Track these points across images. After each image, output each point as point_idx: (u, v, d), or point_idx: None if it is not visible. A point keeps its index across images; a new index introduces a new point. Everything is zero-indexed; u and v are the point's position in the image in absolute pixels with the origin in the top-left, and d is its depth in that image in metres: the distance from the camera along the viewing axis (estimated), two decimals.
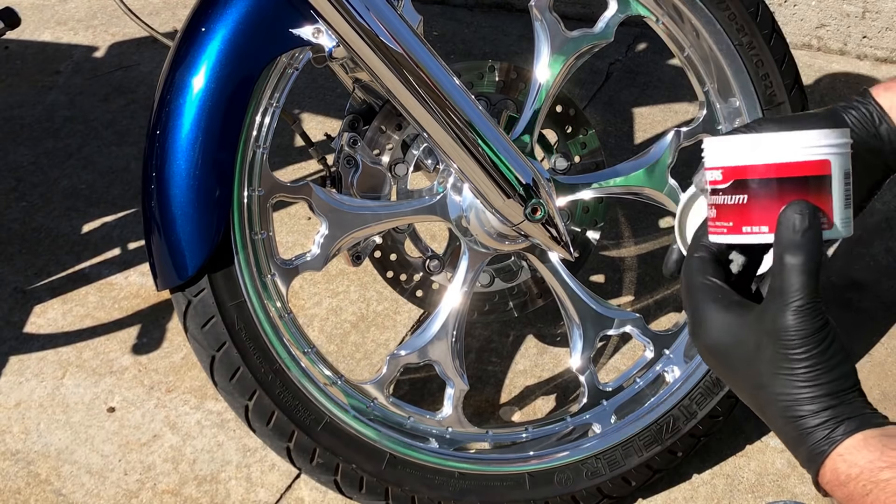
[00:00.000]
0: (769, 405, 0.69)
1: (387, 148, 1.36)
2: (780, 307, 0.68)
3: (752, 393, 0.70)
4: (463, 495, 1.31)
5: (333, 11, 1.10)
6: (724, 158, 0.71)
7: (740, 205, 0.71)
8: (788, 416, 0.68)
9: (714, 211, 0.72)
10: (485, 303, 1.48)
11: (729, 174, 0.71)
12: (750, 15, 1.31)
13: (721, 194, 0.72)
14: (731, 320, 0.71)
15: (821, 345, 0.68)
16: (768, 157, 0.69)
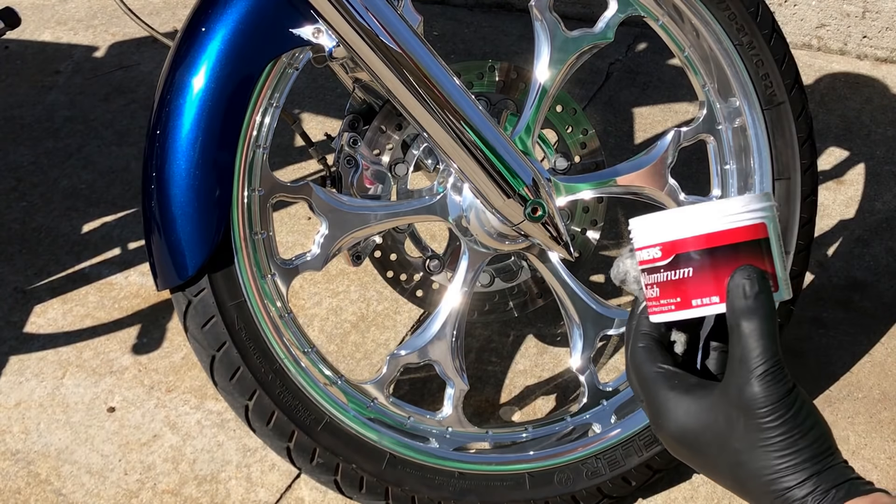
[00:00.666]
0: (750, 482, 0.66)
1: (387, 148, 1.36)
2: (745, 376, 0.65)
3: (731, 474, 0.67)
4: (463, 495, 1.31)
5: (333, 11, 1.10)
6: (660, 234, 0.70)
7: (685, 278, 0.69)
8: (773, 490, 0.65)
9: (656, 290, 0.70)
10: (485, 303, 1.48)
11: (669, 249, 0.69)
12: (750, 15, 1.31)
13: (662, 271, 0.70)
14: (695, 404, 0.68)
15: (791, 408, 0.65)
16: (706, 226, 0.68)
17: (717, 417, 0.67)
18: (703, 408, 0.68)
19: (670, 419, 0.69)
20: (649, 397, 0.71)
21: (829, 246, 1.86)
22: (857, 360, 1.62)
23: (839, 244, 1.86)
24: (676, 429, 0.69)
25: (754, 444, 0.65)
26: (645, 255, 0.71)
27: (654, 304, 0.71)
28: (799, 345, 1.64)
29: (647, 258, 0.71)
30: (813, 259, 1.76)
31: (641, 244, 0.71)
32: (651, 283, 0.71)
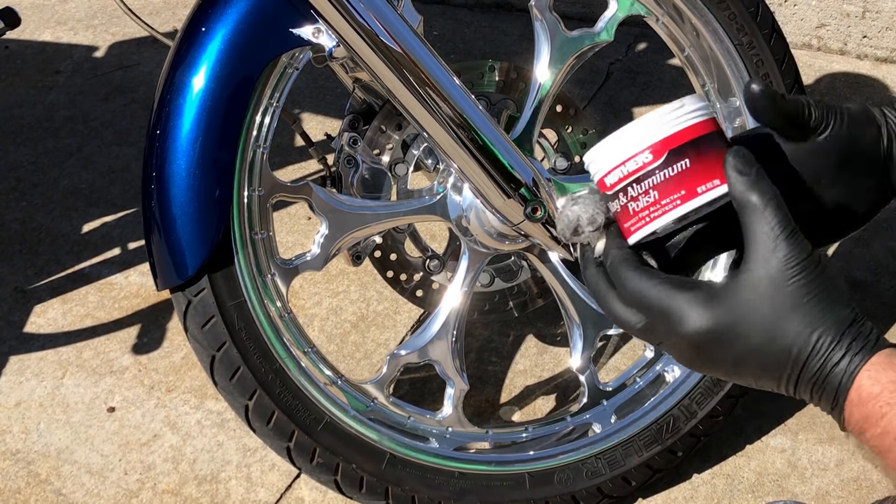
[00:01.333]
0: (784, 356, 0.67)
1: (387, 148, 1.36)
2: (770, 243, 0.66)
3: (761, 358, 0.67)
4: (463, 495, 1.31)
5: (333, 11, 1.10)
6: (645, 139, 0.71)
7: (684, 170, 0.71)
8: (818, 349, 0.66)
9: (653, 194, 0.71)
10: (485, 302, 1.48)
11: (660, 149, 0.71)
12: (750, 15, 1.31)
13: (658, 171, 0.71)
14: (716, 295, 0.68)
15: (819, 264, 0.67)
16: (679, 123, 0.72)
17: (745, 297, 0.67)
18: (728, 294, 0.68)
19: (692, 319, 0.68)
20: (662, 308, 0.69)
21: (829, 246, 1.86)
22: None
23: (839, 244, 1.86)
24: (702, 325, 0.68)
25: (790, 309, 0.66)
26: (631, 165, 0.71)
27: (657, 208, 0.71)
28: None
29: (636, 167, 0.71)
30: None
31: (623, 158, 0.71)
32: (644, 190, 0.71)
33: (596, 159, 0.73)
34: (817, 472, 1.45)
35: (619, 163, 0.72)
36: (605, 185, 0.73)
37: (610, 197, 0.73)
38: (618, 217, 0.73)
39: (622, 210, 0.72)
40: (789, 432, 1.51)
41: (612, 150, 0.72)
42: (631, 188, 0.71)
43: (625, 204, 0.72)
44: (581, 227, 0.76)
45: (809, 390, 0.68)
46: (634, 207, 0.71)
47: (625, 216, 0.72)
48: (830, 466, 1.46)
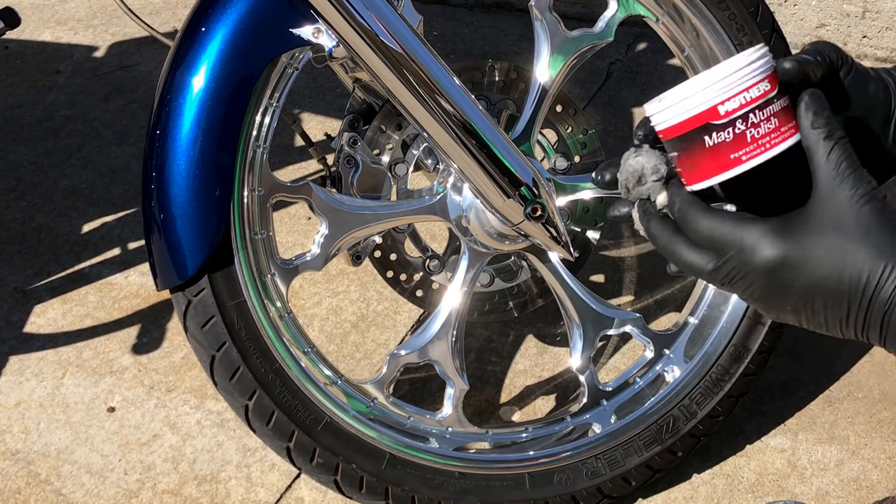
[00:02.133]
0: (860, 280, 0.68)
1: (387, 148, 1.36)
2: (835, 181, 0.69)
3: (833, 283, 0.69)
4: (463, 495, 1.31)
5: (333, 11, 1.10)
6: (759, 71, 0.72)
7: (788, 104, 0.73)
8: (888, 275, 0.67)
9: (776, 120, 0.72)
10: (485, 303, 1.48)
11: (773, 80, 0.73)
12: (750, 15, 1.31)
13: (776, 101, 0.73)
14: (782, 227, 0.71)
15: (883, 200, 0.69)
16: (772, 64, 0.74)
17: (815, 228, 0.69)
18: (799, 225, 0.70)
19: (765, 249, 0.70)
20: (735, 241, 0.71)
21: None
22: (857, 360, 1.62)
23: None
24: (774, 254, 0.70)
25: (858, 239, 0.68)
26: (755, 91, 0.72)
27: (774, 136, 0.73)
28: (799, 345, 1.64)
29: (759, 93, 0.72)
30: None
31: (746, 84, 0.72)
32: (766, 116, 0.72)
33: (700, 91, 0.73)
34: (817, 472, 1.45)
35: (742, 89, 0.72)
36: (719, 112, 0.72)
37: (718, 127, 0.73)
38: (719, 148, 0.73)
39: (735, 138, 0.72)
40: (789, 432, 1.51)
41: (728, 80, 0.72)
42: (753, 114, 0.72)
43: (742, 131, 0.72)
44: (645, 177, 0.77)
45: (879, 321, 0.69)
46: (754, 134, 0.72)
47: (738, 144, 0.73)
48: (830, 466, 1.46)
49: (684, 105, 0.74)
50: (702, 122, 0.73)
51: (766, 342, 1.41)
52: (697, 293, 1.43)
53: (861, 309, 0.69)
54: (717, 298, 1.41)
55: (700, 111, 0.73)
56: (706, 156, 0.74)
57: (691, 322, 1.42)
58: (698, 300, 1.43)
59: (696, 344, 1.40)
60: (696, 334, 1.41)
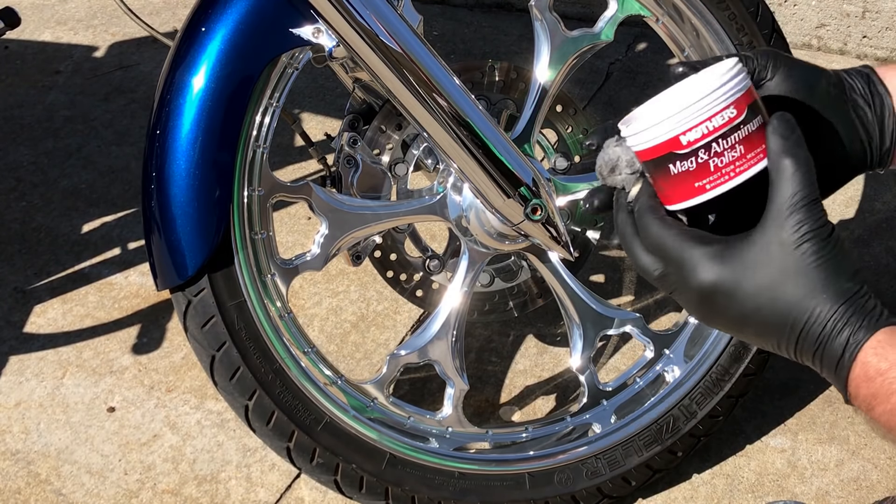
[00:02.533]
0: (785, 317, 0.69)
1: (387, 148, 1.36)
2: (785, 210, 0.68)
3: (762, 315, 0.69)
4: (463, 495, 1.31)
5: (333, 11, 1.10)
6: (728, 95, 0.71)
7: (760, 126, 0.72)
8: (815, 317, 0.68)
9: (741, 148, 0.71)
10: (485, 302, 1.48)
11: (741, 103, 0.71)
12: (750, 15, 1.31)
13: (743, 126, 0.71)
14: (729, 251, 0.70)
15: (831, 235, 0.69)
16: (747, 81, 0.72)
17: (754, 256, 0.69)
18: (739, 251, 0.70)
19: (702, 272, 0.70)
20: (677, 257, 0.72)
21: None
22: None
23: None
24: (709, 279, 0.70)
25: (793, 273, 0.68)
26: (718, 120, 0.70)
27: (740, 164, 0.71)
28: None
29: (723, 122, 0.70)
30: None
31: (709, 113, 0.70)
32: (731, 145, 0.71)
33: (663, 118, 0.71)
34: (817, 472, 1.45)
35: (705, 118, 0.70)
36: (681, 143, 0.71)
37: (681, 156, 0.71)
38: (684, 176, 0.72)
39: (699, 168, 0.71)
40: (789, 432, 1.51)
41: (691, 107, 0.70)
42: (717, 143, 0.71)
43: (706, 161, 0.71)
44: (619, 168, 0.77)
45: (811, 357, 0.69)
46: (717, 163, 0.71)
47: (701, 173, 0.72)
48: (830, 466, 1.46)
49: (649, 133, 0.73)
50: (665, 150, 0.72)
51: None
52: None
53: (790, 343, 0.70)
54: None
55: (663, 141, 0.72)
56: (671, 183, 0.73)
57: (691, 322, 1.42)
58: None
59: (696, 344, 1.40)
60: (696, 334, 1.40)
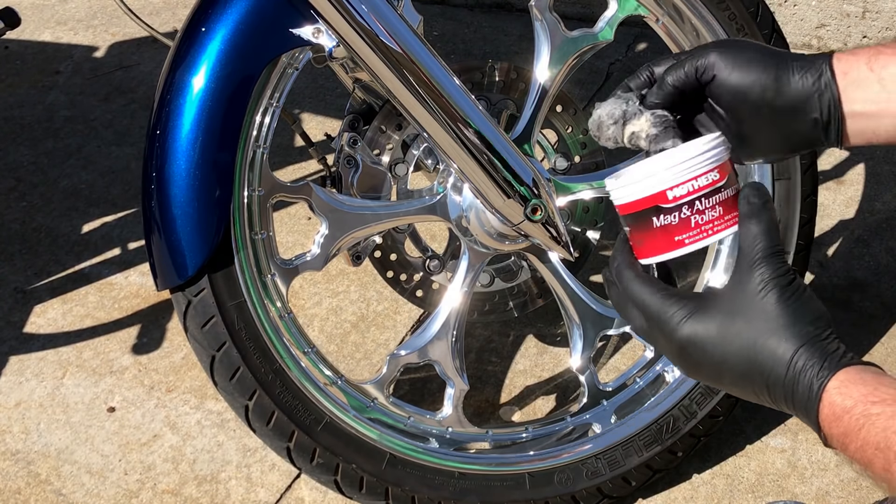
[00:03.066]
0: (755, 365, 0.73)
1: (387, 148, 1.36)
2: (758, 261, 0.74)
3: (734, 365, 0.74)
4: (463, 495, 1.31)
5: (333, 11, 1.10)
6: (712, 160, 0.78)
7: (735, 194, 0.79)
8: (778, 361, 0.72)
9: (721, 209, 0.78)
10: (485, 303, 1.48)
11: (723, 170, 0.78)
12: (750, 15, 1.31)
13: (723, 190, 0.78)
14: (704, 308, 0.76)
15: (790, 286, 0.74)
16: (727, 151, 0.79)
17: (725, 310, 0.75)
18: (711, 307, 0.76)
19: (684, 327, 0.76)
20: (659, 314, 0.77)
21: (829, 246, 1.86)
22: None
23: (839, 244, 1.86)
24: (692, 335, 0.75)
25: (759, 323, 0.73)
26: (703, 180, 0.77)
27: (718, 223, 0.78)
28: None
29: (707, 182, 0.78)
30: (813, 259, 1.76)
31: (696, 173, 0.77)
32: (712, 205, 0.78)
33: (652, 175, 0.78)
34: (817, 473, 1.45)
35: (692, 177, 0.77)
36: (668, 197, 0.78)
37: (666, 210, 0.78)
38: (665, 230, 0.79)
39: (681, 222, 0.78)
40: (789, 432, 1.51)
41: (680, 167, 0.77)
42: (699, 202, 0.78)
43: (688, 216, 0.78)
44: (604, 125, 0.87)
45: (784, 402, 0.74)
46: (699, 220, 0.78)
47: (682, 228, 0.79)
48: (830, 466, 1.46)
49: (638, 186, 0.79)
50: (652, 203, 0.79)
51: None
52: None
53: (763, 390, 0.74)
54: None
55: (651, 193, 0.79)
56: (653, 235, 0.80)
57: None
58: None
59: None
60: None
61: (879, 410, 0.68)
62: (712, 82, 0.84)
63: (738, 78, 0.82)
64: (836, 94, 0.81)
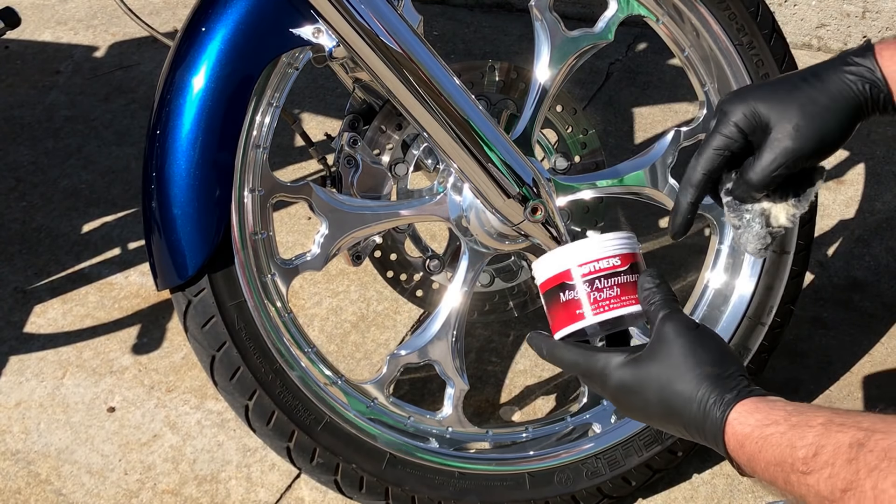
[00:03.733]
0: (672, 402, 0.85)
1: (387, 148, 1.36)
2: (661, 322, 0.88)
3: (658, 404, 0.86)
4: (463, 495, 1.31)
5: (333, 11, 1.10)
6: (616, 248, 0.93)
7: (635, 280, 0.93)
8: (686, 399, 0.83)
9: (618, 290, 0.92)
10: (485, 302, 1.48)
11: (625, 259, 0.93)
12: (750, 15, 1.31)
13: (623, 275, 0.93)
14: (628, 363, 0.88)
15: (693, 333, 0.86)
16: (635, 247, 0.95)
17: (645, 361, 0.87)
18: (634, 360, 0.88)
19: (614, 379, 0.88)
20: (596, 371, 0.90)
21: (829, 246, 1.86)
22: (857, 360, 1.62)
23: (839, 244, 1.86)
24: (621, 383, 0.88)
25: (669, 370, 0.85)
26: (604, 263, 0.93)
27: (614, 302, 0.93)
28: (799, 345, 1.64)
29: (608, 266, 0.93)
30: (813, 259, 1.76)
31: (598, 256, 0.93)
32: (610, 285, 0.92)
33: (561, 257, 0.94)
34: None
35: (593, 258, 0.93)
36: (570, 275, 0.93)
37: (569, 287, 0.93)
38: (568, 304, 0.93)
39: (580, 298, 0.93)
40: None
41: (584, 251, 0.93)
42: (598, 281, 0.92)
43: (588, 292, 0.93)
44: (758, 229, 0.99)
45: (701, 437, 0.84)
46: (598, 297, 0.92)
47: (581, 303, 0.93)
48: None
49: (551, 265, 0.94)
50: (559, 281, 0.94)
51: (766, 342, 1.41)
52: (697, 293, 1.43)
53: (681, 427, 0.85)
54: (717, 299, 1.41)
55: (559, 272, 0.94)
56: (560, 309, 0.94)
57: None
58: (698, 300, 1.43)
59: None
60: None
61: (772, 431, 0.76)
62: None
63: (792, 149, 0.91)
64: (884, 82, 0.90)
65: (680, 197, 0.96)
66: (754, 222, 0.97)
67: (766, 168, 0.91)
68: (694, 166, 0.94)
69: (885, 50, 0.89)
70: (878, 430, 0.69)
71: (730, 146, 0.92)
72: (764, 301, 1.40)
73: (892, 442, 0.67)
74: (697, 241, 1.84)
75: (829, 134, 0.90)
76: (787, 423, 0.75)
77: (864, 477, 0.67)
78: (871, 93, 0.89)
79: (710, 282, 1.42)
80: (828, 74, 0.90)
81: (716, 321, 1.40)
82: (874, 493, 0.66)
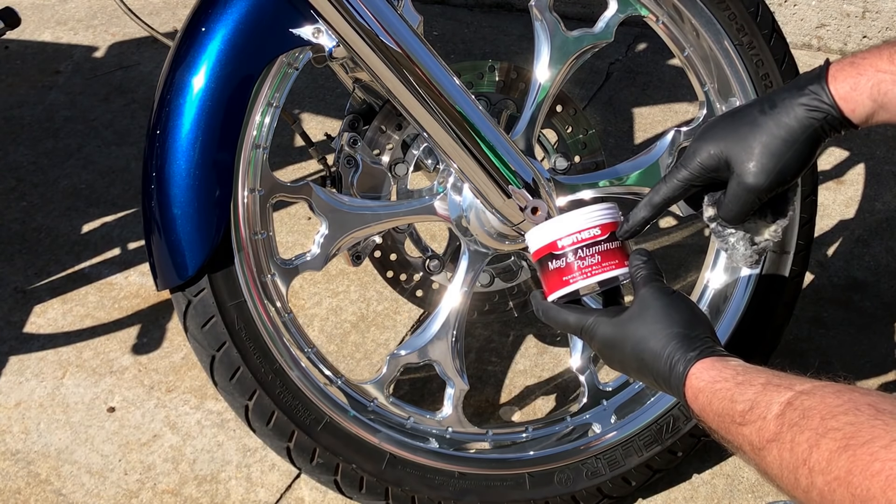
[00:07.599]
0: (647, 356, 0.94)
1: (387, 148, 1.36)
2: (642, 288, 0.98)
3: (637, 357, 0.95)
4: (463, 495, 1.31)
5: (333, 11, 1.10)
6: (596, 219, 1.03)
7: (616, 248, 1.03)
8: (655, 354, 0.93)
9: (598, 257, 1.03)
10: (485, 302, 1.48)
11: (605, 228, 1.03)
12: (750, 15, 1.31)
13: (603, 244, 1.03)
14: (613, 319, 0.98)
15: (668, 298, 0.96)
16: (615, 216, 1.05)
17: (625, 319, 0.98)
18: (618, 318, 0.98)
19: (599, 335, 0.99)
20: (584, 329, 1.01)
21: (829, 246, 1.86)
22: (857, 360, 1.62)
23: (839, 244, 1.86)
24: (604, 338, 0.99)
25: (645, 327, 0.95)
26: (585, 234, 1.03)
27: (596, 268, 1.03)
28: (799, 345, 1.64)
29: (589, 236, 1.03)
30: (813, 259, 1.76)
31: (579, 228, 1.03)
32: (591, 253, 1.03)
33: (549, 230, 1.04)
34: None
35: (575, 230, 1.03)
36: (557, 246, 1.03)
37: (556, 256, 1.03)
38: (557, 271, 1.04)
39: (567, 266, 1.03)
40: None
41: (568, 224, 1.03)
42: (581, 250, 1.03)
43: (572, 261, 1.03)
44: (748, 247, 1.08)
45: (668, 388, 0.93)
46: (581, 265, 1.03)
47: (568, 270, 1.03)
48: None
49: (540, 237, 1.04)
50: (547, 251, 1.04)
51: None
52: (697, 293, 1.43)
53: (652, 380, 0.95)
54: (717, 298, 1.41)
55: (546, 243, 1.04)
56: (549, 276, 1.05)
57: None
58: (698, 300, 1.43)
59: None
60: None
61: (720, 387, 0.86)
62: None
63: (752, 183, 1.00)
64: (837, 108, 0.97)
65: (638, 210, 1.04)
66: (738, 244, 1.06)
67: (732, 206, 1.01)
68: (658, 189, 1.04)
69: (838, 72, 0.96)
70: (805, 391, 0.78)
71: (692, 181, 1.02)
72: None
73: (813, 402, 0.76)
74: (697, 241, 1.84)
75: (787, 167, 0.98)
76: (734, 381, 0.85)
77: (787, 430, 0.77)
78: (826, 118, 0.96)
79: (710, 282, 1.42)
80: (784, 106, 0.98)
81: (715, 321, 1.40)
82: (791, 445, 0.75)
